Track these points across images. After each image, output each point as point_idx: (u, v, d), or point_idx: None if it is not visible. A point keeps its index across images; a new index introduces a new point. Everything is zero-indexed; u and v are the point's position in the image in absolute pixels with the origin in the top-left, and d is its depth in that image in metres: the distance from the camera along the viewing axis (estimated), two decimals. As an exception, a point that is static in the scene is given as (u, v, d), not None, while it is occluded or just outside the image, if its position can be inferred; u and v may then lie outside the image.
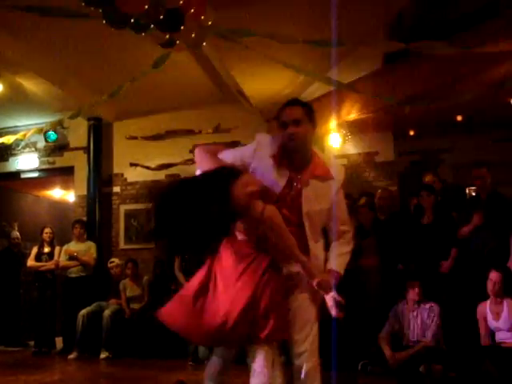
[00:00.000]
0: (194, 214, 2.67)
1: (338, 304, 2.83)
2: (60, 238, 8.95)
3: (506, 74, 5.45)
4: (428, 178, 7.24)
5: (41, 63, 7.53)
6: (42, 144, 9.98)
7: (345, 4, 5.41)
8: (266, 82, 7.53)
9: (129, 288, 8.08)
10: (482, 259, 5.83)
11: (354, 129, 7.71)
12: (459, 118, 7.69)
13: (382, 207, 7.03)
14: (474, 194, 6.11)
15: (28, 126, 9.58)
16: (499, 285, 5.55)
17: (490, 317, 5.61)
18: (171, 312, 2.87)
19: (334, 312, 2.85)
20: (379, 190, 7.37)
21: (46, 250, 8.52)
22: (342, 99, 7.45)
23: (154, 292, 8.07)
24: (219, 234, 2.86)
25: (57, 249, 8.51)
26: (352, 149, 8.51)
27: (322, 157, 3.10)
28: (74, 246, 8.41)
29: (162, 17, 4.38)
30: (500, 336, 5.51)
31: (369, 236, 6.69)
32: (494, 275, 5.57)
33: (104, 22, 4.47)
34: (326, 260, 3.02)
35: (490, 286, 5.60)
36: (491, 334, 5.58)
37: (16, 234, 9.49)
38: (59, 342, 8.42)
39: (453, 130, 8.38)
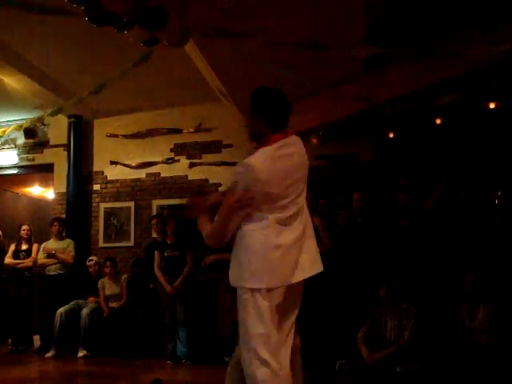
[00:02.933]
0: None
1: None
2: (39, 236, 8.87)
3: (482, 79, 5.54)
4: (403, 181, 7.31)
5: (22, 59, 7.45)
6: (21, 141, 9.91)
7: (326, 7, 5.48)
8: (248, 81, 7.53)
9: (107, 286, 8.05)
10: (459, 261, 5.91)
11: (334, 130, 7.73)
12: (438, 121, 7.76)
13: (360, 209, 7.07)
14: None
15: (8, 122, 9.50)
16: (475, 287, 5.65)
17: (466, 318, 5.71)
18: None
19: None
20: (357, 192, 7.41)
21: (24, 247, 8.44)
22: (323, 100, 7.48)
23: (133, 291, 8.07)
24: None
25: (35, 246, 8.43)
26: (331, 150, 8.53)
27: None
28: (52, 244, 8.36)
29: (145, 15, 4.38)
30: (476, 337, 5.60)
31: (346, 237, 6.74)
32: (470, 278, 5.67)
33: (86, 19, 4.46)
34: None
35: (466, 288, 5.70)
36: (467, 335, 5.67)
37: None
38: (37, 340, 8.37)
39: (430, 134, 8.45)
